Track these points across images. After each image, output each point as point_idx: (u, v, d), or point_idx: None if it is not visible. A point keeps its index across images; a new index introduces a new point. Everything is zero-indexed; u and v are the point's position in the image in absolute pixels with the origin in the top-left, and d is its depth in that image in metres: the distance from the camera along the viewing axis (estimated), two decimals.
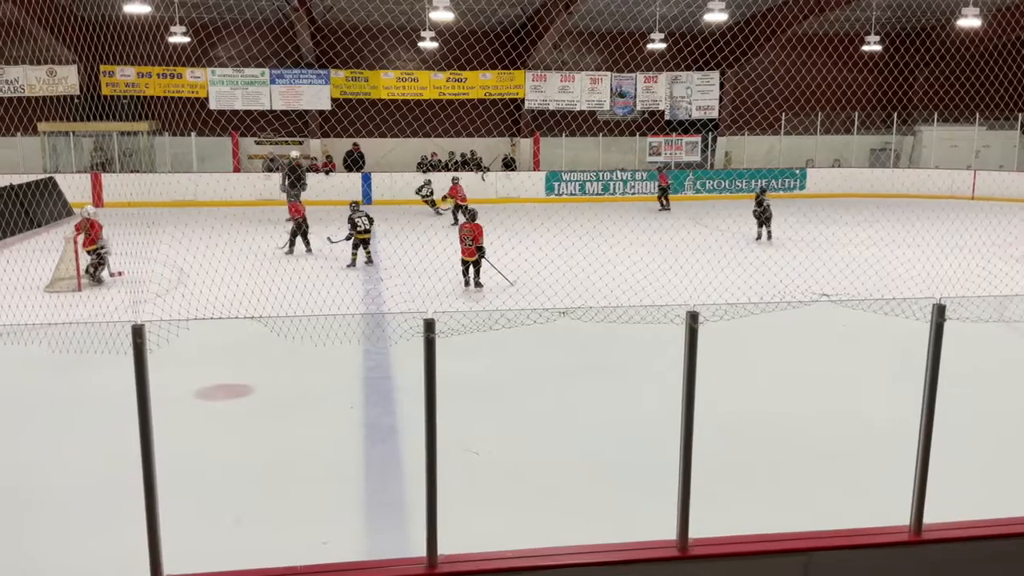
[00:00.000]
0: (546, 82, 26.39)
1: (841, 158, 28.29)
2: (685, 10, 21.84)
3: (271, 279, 11.65)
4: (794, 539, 4.30)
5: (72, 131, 24.71)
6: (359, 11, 22.43)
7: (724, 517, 4.89)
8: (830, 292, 12.31)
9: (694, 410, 4.13)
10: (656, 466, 5.95)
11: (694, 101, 27.34)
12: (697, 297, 11.05)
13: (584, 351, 9.75)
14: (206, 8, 22.51)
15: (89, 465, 6.69)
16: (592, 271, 11.89)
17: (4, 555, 5.35)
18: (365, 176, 25.10)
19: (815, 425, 7.64)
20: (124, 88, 24.05)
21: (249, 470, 6.67)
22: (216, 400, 8.27)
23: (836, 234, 17.24)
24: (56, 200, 21.35)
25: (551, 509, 6.01)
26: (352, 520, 5.90)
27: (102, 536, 5.51)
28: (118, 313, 11.35)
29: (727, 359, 9.01)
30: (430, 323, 3.95)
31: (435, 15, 19.48)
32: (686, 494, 4.16)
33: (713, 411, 6.14)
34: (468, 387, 8.20)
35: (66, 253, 13.18)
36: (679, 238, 16.51)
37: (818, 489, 6.39)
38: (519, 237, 13.85)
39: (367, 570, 4.33)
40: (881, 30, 25.23)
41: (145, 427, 3.87)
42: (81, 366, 8.70)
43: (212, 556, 4.85)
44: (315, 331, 8.76)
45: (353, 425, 7.67)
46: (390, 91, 25.57)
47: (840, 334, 10.59)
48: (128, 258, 13.93)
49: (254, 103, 24.89)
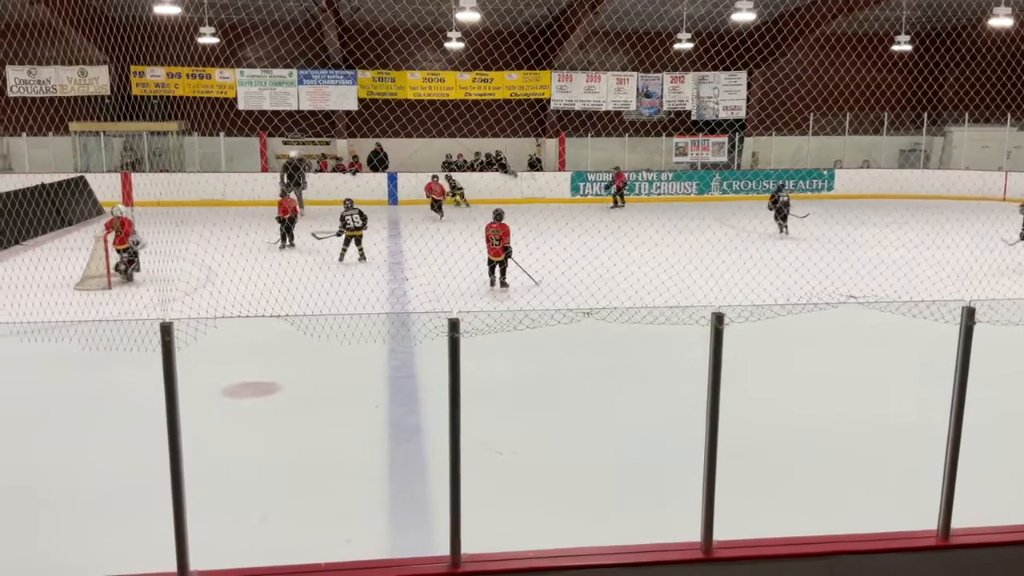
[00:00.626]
0: (572, 82, 26.36)
1: (870, 159, 28.01)
2: (712, 10, 21.74)
3: (297, 278, 11.73)
4: (819, 543, 4.27)
5: (103, 131, 25.02)
6: (386, 12, 22.52)
7: (748, 519, 4.86)
8: (858, 294, 12.20)
9: (719, 412, 4.12)
10: (680, 467, 5.93)
11: (721, 101, 27.19)
12: (723, 298, 10.99)
13: (609, 352, 9.73)
14: (235, 9, 22.69)
15: (117, 461, 6.77)
16: (617, 271, 11.86)
17: (32, 551, 5.43)
18: (391, 176, 25.20)
19: (841, 427, 7.57)
20: (154, 88, 24.31)
21: (275, 467, 6.72)
22: (243, 398, 8.34)
23: (864, 235, 17.07)
24: (87, 199, 21.63)
25: (575, 509, 6.00)
26: (376, 518, 5.93)
27: (129, 532, 5.58)
28: (147, 311, 11.48)
29: (753, 361, 8.96)
30: (455, 323, 3.96)
31: (461, 16, 19.52)
32: (710, 496, 4.15)
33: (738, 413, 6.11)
34: (492, 387, 8.21)
35: (96, 252, 13.33)
36: (704, 239, 16.44)
37: (844, 492, 6.33)
38: (543, 237, 13.85)
39: (391, 568, 4.36)
40: (911, 30, 24.96)
41: (173, 424, 3.92)
42: (110, 363, 8.81)
43: (237, 552, 4.90)
44: (341, 330, 8.80)
45: (378, 424, 7.70)
46: (416, 91, 25.66)
47: (868, 336, 10.49)
48: (157, 257, 14.08)
49: (282, 103, 25.07)
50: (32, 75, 24.41)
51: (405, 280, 13.98)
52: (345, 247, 15.42)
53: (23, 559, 5.27)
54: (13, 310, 10.27)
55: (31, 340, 9.50)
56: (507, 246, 13.07)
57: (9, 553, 5.36)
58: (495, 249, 13.11)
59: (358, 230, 15.36)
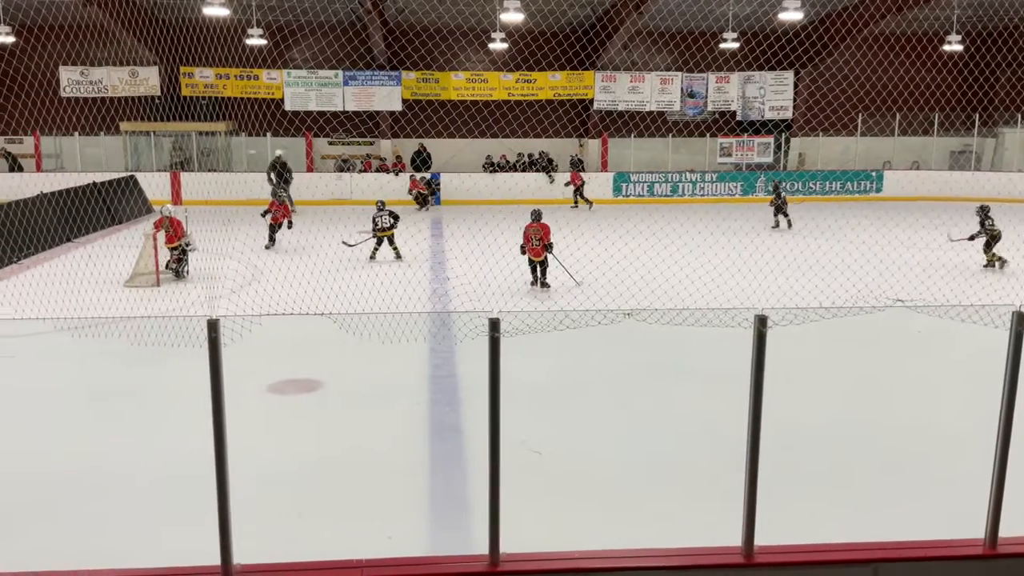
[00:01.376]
0: (615, 83, 26.26)
1: (919, 160, 27.51)
2: (758, 9, 21.54)
3: (341, 277, 11.85)
4: (861, 549, 4.22)
5: (153, 131, 25.51)
6: (430, 13, 22.68)
7: (790, 525, 4.82)
8: (905, 297, 12.00)
9: (761, 415, 4.09)
10: (722, 471, 5.90)
11: (767, 101, 26.90)
12: (766, 300, 10.88)
13: (650, 353, 9.69)
14: (282, 11, 23.01)
15: (162, 456, 6.90)
16: (659, 272, 11.80)
17: (76, 542, 5.54)
18: (434, 176, 25.35)
19: (886, 432, 7.45)
20: (203, 89, 24.71)
21: (317, 464, 6.80)
22: (287, 394, 8.45)
23: (912, 238, 16.78)
24: (137, 198, 22.07)
25: (614, 511, 5.99)
26: (416, 516, 5.97)
27: (174, 525, 5.68)
28: (194, 308, 11.67)
29: (796, 364, 8.86)
30: (495, 322, 3.98)
31: (505, 16, 19.57)
32: (752, 500, 4.11)
33: (781, 416, 6.05)
34: (532, 387, 8.22)
35: (145, 249, 13.59)
36: (748, 240, 16.28)
37: (888, 498, 6.23)
38: (585, 238, 13.83)
39: (430, 565, 4.39)
40: (962, 29, 24.47)
41: (218, 419, 3.98)
42: (158, 359, 8.98)
43: (279, 546, 4.97)
44: (383, 328, 8.89)
45: (418, 422, 7.75)
46: (460, 92, 25.76)
47: (915, 340, 10.32)
48: (205, 255, 14.32)
49: (327, 104, 25.33)
50: (84, 76, 24.95)
51: (446, 279, 14.05)
52: (377, 246, 15.68)
53: (67, 548, 5.40)
54: (65, 306, 10.51)
55: (82, 335, 9.72)
56: (548, 244, 13.09)
57: (53, 542, 5.49)
58: (536, 249, 13.13)
59: (387, 230, 15.57)
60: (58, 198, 17.82)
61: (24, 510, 5.99)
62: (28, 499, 6.16)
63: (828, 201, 25.47)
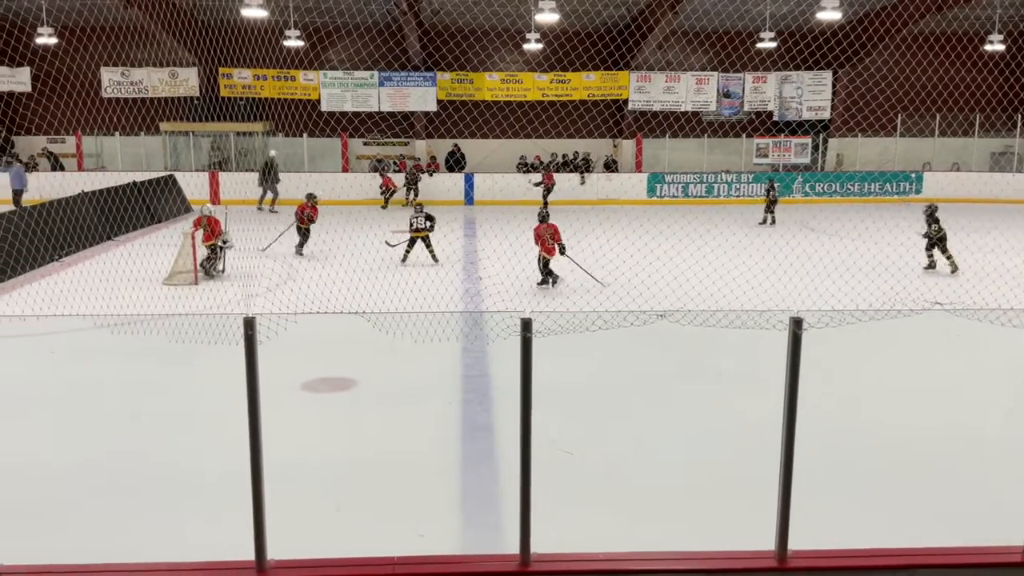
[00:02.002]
0: (650, 83, 26.15)
1: (960, 162, 27.07)
2: (795, 8, 21.32)
3: (375, 276, 11.93)
4: (898, 555, 4.16)
5: (192, 131, 25.85)
6: (465, 14, 22.74)
7: (824, 529, 4.76)
8: (944, 300, 11.82)
9: (796, 418, 4.05)
10: (755, 474, 5.85)
11: (805, 101, 26.62)
12: (802, 302, 10.77)
13: (683, 354, 9.64)
14: (319, 12, 23.21)
15: (198, 451, 6.99)
16: (693, 274, 11.73)
17: (110, 535, 5.62)
18: (467, 176, 25.41)
19: (923, 437, 7.35)
20: (241, 90, 24.99)
21: (350, 461, 6.85)
22: (321, 392, 8.52)
23: (952, 240, 16.52)
24: (176, 197, 22.38)
25: (645, 512, 5.96)
26: (448, 515, 5.99)
27: (208, 519, 5.75)
28: (231, 306, 11.80)
29: (832, 368, 8.77)
30: (527, 322, 3.98)
31: (540, 17, 19.57)
32: (786, 503, 4.08)
33: (815, 420, 6.00)
34: (564, 387, 8.22)
35: (184, 248, 13.78)
36: (783, 242, 16.12)
37: (925, 503, 6.14)
38: (618, 239, 13.78)
39: (462, 564, 4.40)
40: (1004, 28, 24.04)
41: (254, 416, 4.03)
42: (195, 355, 9.10)
43: (312, 543, 5.02)
44: (416, 327, 8.93)
45: (450, 421, 7.78)
46: (494, 92, 25.80)
47: (953, 344, 10.16)
48: (241, 254, 14.48)
49: (363, 105, 25.50)
50: (125, 76, 25.36)
51: (479, 279, 14.08)
52: (409, 248, 15.46)
53: (101, 541, 5.48)
54: (105, 303, 10.70)
55: (121, 332, 9.89)
56: (561, 244, 13.20)
57: (88, 535, 5.59)
58: (550, 248, 13.20)
59: (421, 231, 15.42)
60: (99, 197, 18.12)
61: (60, 503, 6.10)
62: (64, 492, 6.28)
63: (866, 203, 25.16)
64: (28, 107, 25.79)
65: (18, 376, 8.93)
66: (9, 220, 14.33)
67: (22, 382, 8.76)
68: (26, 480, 6.40)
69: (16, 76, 25.00)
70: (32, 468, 6.66)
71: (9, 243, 13.81)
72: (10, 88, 25.12)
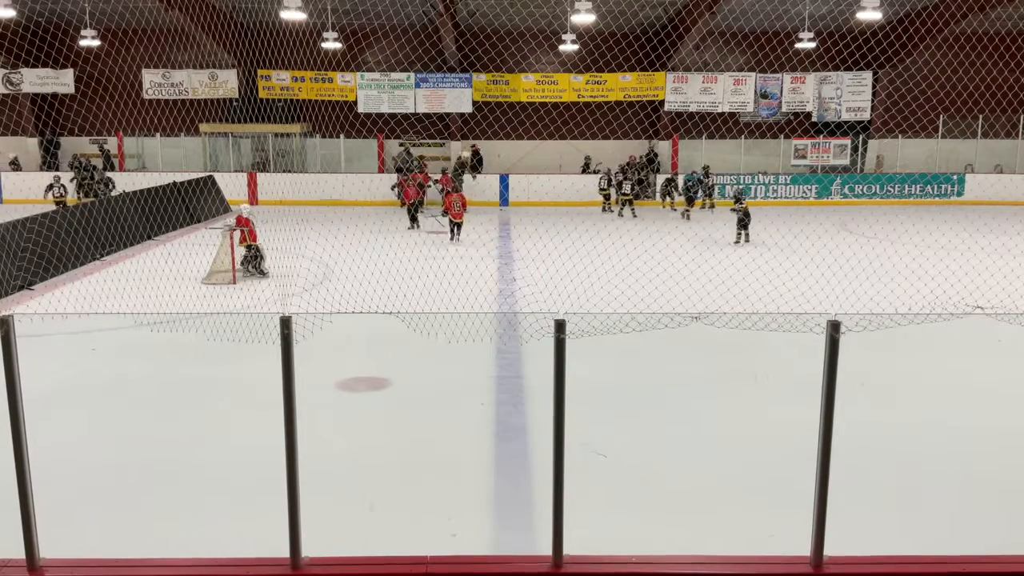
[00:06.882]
0: (687, 84, 25.98)
1: (1003, 164, 26.56)
2: (834, 8, 21.07)
3: (410, 276, 11.98)
4: (936, 562, 4.10)
5: (231, 132, 26.17)
6: (501, 15, 22.77)
7: (862, 535, 4.70)
8: (985, 305, 11.60)
9: (833, 423, 4.00)
10: (791, 478, 5.78)
11: (844, 102, 26.29)
12: (840, 306, 10.64)
13: (717, 357, 9.56)
14: (356, 15, 23.39)
15: (234, 448, 7.07)
16: (728, 276, 11.63)
17: (146, 531, 5.70)
18: (502, 177, 25.42)
19: (965, 443, 7.22)
20: (279, 92, 25.25)
21: (384, 461, 6.89)
22: (356, 391, 8.58)
23: (994, 243, 16.21)
24: (215, 197, 22.66)
25: (678, 516, 5.92)
26: (481, 515, 6.00)
27: (243, 516, 5.81)
28: (268, 305, 11.93)
29: (870, 372, 8.65)
30: (561, 324, 3.98)
31: (576, 18, 19.53)
32: (822, 509, 4.03)
33: (853, 425, 5.91)
34: (598, 388, 8.19)
35: (223, 248, 13.95)
36: (821, 244, 15.94)
37: (967, 511, 6.03)
38: (653, 240, 13.72)
39: (494, 564, 4.41)
40: None
41: (289, 414, 4.07)
42: (232, 354, 9.20)
43: (347, 541, 5.05)
44: (450, 328, 8.96)
45: (484, 422, 7.79)
46: (529, 94, 25.80)
47: (996, 349, 9.97)
48: (279, 254, 14.63)
49: (399, 106, 25.65)
50: (166, 78, 25.73)
51: (513, 281, 14.09)
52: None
53: (138, 536, 5.56)
54: (145, 301, 10.86)
55: (161, 330, 10.04)
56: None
57: (125, 530, 5.67)
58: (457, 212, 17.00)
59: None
60: (140, 197, 18.41)
61: (98, 499, 6.20)
62: (102, 488, 6.38)
63: (907, 205, 24.80)
64: (72, 108, 26.26)
65: (59, 373, 9.09)
66: (52, 220, 14.60)
67: (63, 379, 8.92)
68: (66, 476, 6.51)
69: (60, 78, 25.50)
70: (72, 464, 6.78)
71: (52, 242, 14.08)
72: (54, 90, 25.63)
